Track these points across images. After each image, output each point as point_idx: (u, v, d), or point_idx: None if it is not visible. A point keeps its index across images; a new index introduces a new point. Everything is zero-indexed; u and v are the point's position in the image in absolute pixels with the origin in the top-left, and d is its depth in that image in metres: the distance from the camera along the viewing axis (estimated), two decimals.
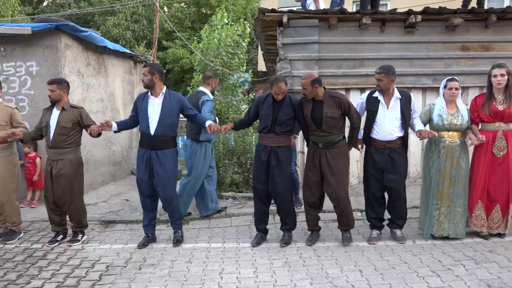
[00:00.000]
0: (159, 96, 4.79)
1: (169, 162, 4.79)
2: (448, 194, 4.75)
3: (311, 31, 6.96)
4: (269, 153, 4.76)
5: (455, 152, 4.70)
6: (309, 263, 4.29)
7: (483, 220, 4.80)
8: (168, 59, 22.55)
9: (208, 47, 11.78)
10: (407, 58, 7.05)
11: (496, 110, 4.67)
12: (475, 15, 6.91)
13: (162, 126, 4.72)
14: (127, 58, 9.82)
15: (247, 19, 21.50)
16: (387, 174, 4.76)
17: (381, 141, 4.73)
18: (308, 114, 4.61)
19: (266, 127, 4.76)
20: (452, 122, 4.68)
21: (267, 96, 4.85)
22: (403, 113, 4.68)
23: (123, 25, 21.85)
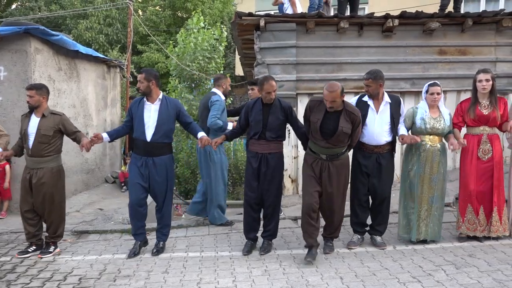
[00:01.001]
0: (155, 102, 4.74)
1: (165, 169, 4.77)
2: (427, 198, 4.81)
3: (289, 35, 7.00)
4: (260, 160, 4.74)
5: (435, 156, 4.77)
6: (289, 271, 4.28)
7: (475, 224, 4.88)
8: (143, 64, 22.35)
9: (184, 52, 11.73)
10: (385, 62, 7.14)
11: (481, 114, 4.78)
12: (452, 19, 7.05)
13: (159, 133, 4.68)
14: (100, 62, 9.71)
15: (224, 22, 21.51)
16: (372, 179, 4.79)
17: (369, 146, 4.76)
18: (318, 123, 4.31)
19: (256, 133, 4.73)
20: (435, 126, 4.74)
21: (256, 101, 4.82)
22: (392, 117, 4.74)
23: (96, 28, 21.59)
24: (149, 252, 5.01)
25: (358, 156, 4.85)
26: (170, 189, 4.91)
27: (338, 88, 4.15)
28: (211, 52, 11.82)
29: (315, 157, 4.49)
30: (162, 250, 4.98)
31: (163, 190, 4.81)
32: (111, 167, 10.19)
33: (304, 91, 7.08)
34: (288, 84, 6.96)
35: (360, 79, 6.96)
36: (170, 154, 4.87)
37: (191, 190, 10.04)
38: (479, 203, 4.84)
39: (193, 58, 11.50)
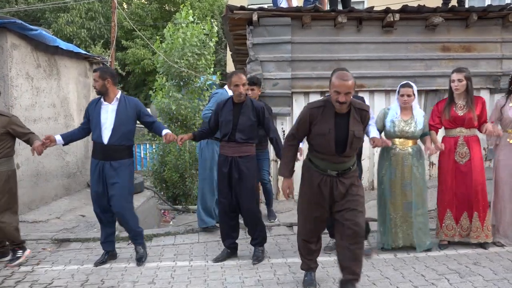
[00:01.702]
0: (113, 102, 4.72)
1: (124, 174, 4.70)
2: (401, 204, 4.83)
3: (283, 30, 7.01)
4: (230, 164, 4.69)
5: (406, 160, 4.79)
6: (283, 280, 4.30)
7: (454, 230, 4.93)
8: (128, 60, 22.36)
9: (172, 47, 11.73)
10: (386, 59, 7.19)
11: (456, 115, 4.82)
12: (456, 14, 7.11)
13: (117, 135, 4.63)
14: (82, 59, 9.68)
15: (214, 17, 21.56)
16: None
17: None
18: (331, 134, 3.62)
19: (226, 135, 4.69)
20: (404, 129, 4.78)
21: (227, 101, 4.80)
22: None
23: (78, 22, 21.55)
24: (135, 260, 5.00)
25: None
26: (129, 195, 4.84)
27: (352, 77, 3.58)
28: (200, 48, 11.83)
29: (321, 175, 3.80)
30: (145, 255, 4.98)
31: (121, 196, 4.69)
32: None
33: (299, 89, 7.10)
34: (283, 82, 6.98)
35: (359, 77, 7.04)
36: (129, 158, 4.81)
37: (179, 195, 10.04)
38: (461, 209, 4.87)
39: (182, 55, 11.51)
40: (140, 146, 14.73)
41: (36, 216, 6.91)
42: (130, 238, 5.09)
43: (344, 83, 3.51)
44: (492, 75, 7.26)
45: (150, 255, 5.21)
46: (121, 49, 22.74)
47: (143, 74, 22.84)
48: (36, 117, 7.54)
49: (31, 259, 5.13)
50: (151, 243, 5.72)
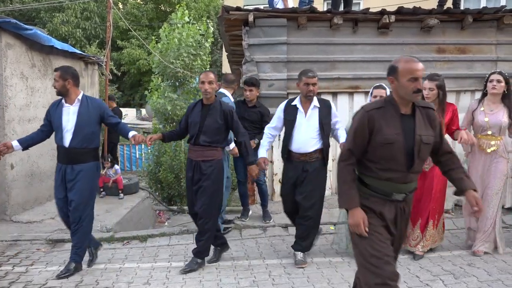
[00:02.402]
0: (74, 103, 4.57)
1: (86, 178, 4.54)
2: None
3: (279, 31, 7.03)
4: (193, 168, 4.62)
5: None
6: (278, 281, 4.31)
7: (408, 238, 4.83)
8: (123, 60, 22.34)
9: (167, 48, 11.71)
10: (381, 60, 7.19)
11: None
12: (451, 15, 7.14)
13: (79, 137, 4.50)
14: (77, 59, 9.65)
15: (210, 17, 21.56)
16: (298, 188, 4.69)
17: (296, 154, 4.67)
18: (399, 139, 2.82)
19: (192, 137, 4.62)
20: None
21: (197, 103, 4.74)
22: (321, 123, 4.65)
23: (73, 22, 21.51)
24: (130, 261, 5.01)
25: (288, 166, 4.78)
26: (90, 202, 4.68)
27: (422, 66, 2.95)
28: (196, 48, 11.81)
29: (385, 199, 2.93)
30: (73, 272, 4.63)
31: (82, 202, 4.53)
32: None
33: (295, 90, 7.09)
34: (278, 83, 7.00)
35: (355, 78, 7.07)
36: (94, 162, 4.66)
37: (174, 196, 10.01)
38: (417, 216, 4.78)
39: (177, 55, 11.48)
40: (135, 147, 14.70)
41: (31, 217, 6.88)
42: (72, 248, 4.71)
43: (419, 65, 2.93)
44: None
45: (145, 256, 5.21)
46: (116, 49, 22.72)
47: (139, 74, 22.83)
48: (31, 117, 7.51)
49: (25, 260, 5.12)
50: (146, 243, 5.72)
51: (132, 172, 13.88)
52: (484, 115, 4.82)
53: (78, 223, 4.58)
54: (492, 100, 4.86)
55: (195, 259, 4.72)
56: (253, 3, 12.52)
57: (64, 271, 4.60)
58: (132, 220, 7.66)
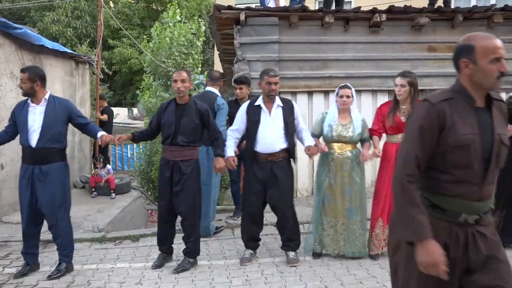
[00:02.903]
0: (41, 103, 4.49)
1: (55, 179, 4.48)
2: (342, 211, 4.70)
3: (271, 30, 7.03)
4: (172, 169, 4.57)
5: (345, 165, 4.67)
6: (271, 280, 4.31)
7: (381, 241, 4.75)
8: (114, 60, 22.24)
9: (159, 47, 11.68)
10: (372, 59, 7.23)
11: (399, 121, 4.62)
12: (441, 14, 7.18)
13: (46, 137, 4.42)
14: (68, 58, 9.61)
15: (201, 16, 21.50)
16: (269, 190, 4.66)
17: (263, 154, 4.63)
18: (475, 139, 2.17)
19: (168, 137, 4.57)
20: (342, 133, 4.68)
21: (170, 102, 4.71)
22: (286, 122, 4.64)
23: (63, 21, 21.36)
24: (122, 261, 4.99)
25: (254, 167, 4.70)
26: (64, 203, 4.60)
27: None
28: (188, 47, 11.79)
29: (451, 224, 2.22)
30: (65, 273, 4.64)
31: (54, 204, 4.47)
32: (80, 171, 10.09)
33: (287, 89, 7.11)
34: None
35: (346, 76, 7.08)
36: (62, 162, 4.59)
37: None
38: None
39: (169, 54, 11.46)
40: (127, 146, 14.66)
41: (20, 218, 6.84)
42: (58, 251, 4.69)
43: (499, 42, 2.23)
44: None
45: (137, 255, 5.20)
46: (107, 48, 22.61)
47: (130, 73, 22.74)
48: None
49: (16, 261, 5.10)
50: (138, 243, 5.70)
51: (124, 172, 13.84)
52: None
53: (57, 224, 4.54)
54: None
55: (187, 259, 4.71)
56: (244, 2, 12.50)
57: (55, 272, 4.58)
58: (124, 220, 7.65)
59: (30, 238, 4.65)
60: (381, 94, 7.27)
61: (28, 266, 4.69)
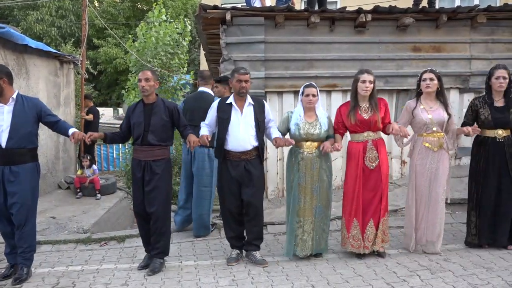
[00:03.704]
0: (9, 102, 4.42)
1: (26, 179, 4.43)
2: (311, 210, 4.74)
3: (257, 29, 7.03)
4: (143, 169, 4.56)
5: (314, 163, 4.71)
6: (258, 280, 4.31)
7: (360, 241, 4.74)
8: (99, 59, 22.10)
9: (144, 46, 11.63)
10: (358, 59, 7.26)
11: (361, 119, 4.68)
12: (426, 14, 7.23)
13: (15, 137, 4.36)
14: (52, 58, 9.53)
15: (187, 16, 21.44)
16: (244, 188, 4.68)
17: (236, 153, 4.66)
18: None
19: (138, 137, 4.56)
20: (309, 131, 4.71)
21: (138, 103, 4.70)
22: (257, 120, 4.68)
23: (48, 21, 21.17)
24: (108, 262, 4.96)
25: (227, 166, 4.71)
26: (33, 204, 4.55)
27: None
28: (174, 47, 11.75)
29: None
30: (26, 278, 4.51)
31: (24, 204, 4.41)
32: (65, 171, 10.00)
33: (273, 89, 7.12)
34: (256, 81, 6.98)
35: (332, 76, 7.11)
36: (33, 162, 4.55)
37: None
38: (369, 217, 4.73)
39: (155, 54, 11.41)
40: (113, 147, 14.56)
41: None
42: (18, 255, 4.53)
43: None
44: (462, 75, 7.41)
45: (123, 256, 5.17)
46: (92, 48, 22.45)
47: (116, 73, 22.60)
48: None
49: None
50: (124, 244, 5.68)
51: (109, 172, 13.75)
52: (426, 112, 4.81)
53: (24, 226, 4.46)
54: (428, 98, 4.87)
55: (157, 260, 4.68)
56: (230, 1, 12.49)
57: (17, 277, 4.46)
58: (110, 221, 7.60)
59: (10, 237, 4.59)
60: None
61: (12, 268, 4.62)
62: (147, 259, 4.78)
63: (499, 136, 4.90)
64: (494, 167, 4.91)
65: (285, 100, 7.14)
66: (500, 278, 4.13)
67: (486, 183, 4.94)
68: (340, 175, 7.32)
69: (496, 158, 4.90)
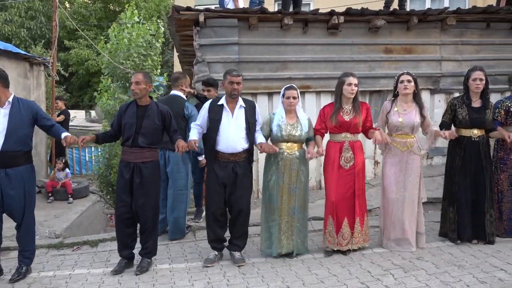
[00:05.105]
0: (5, 106, 4.41)
1: (22, 182, 4.47)
2: (288, 209, 4.79)
3: (230, 31, 7.02)
4: (132, 170, 4.55)
5: (293, 164, 4.77)
6: (233, 282, 4.30)
7: (334, 238, 4.85)
8: (71, 61, 21.78)
9: (117, 48, 11.49)
10: (331, 60, 7.32)
11: (342, 120, 4.77)
12: (397, 16, 7.34)
13: (12, 140, 4.37)
14: (21, 59, 9.33)
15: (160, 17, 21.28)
16: (230, 190, 4.71)
17: (225, 154, 4.67)
18: None
19: (129, 138, 4.55)
20: (291, 133, 4.76)
21: (130, 104, 4.69)
22: (248, 123, 4.71)
23: (17, 22, 20.77)
24: (80, 267, 4.88)
25: (214, 166, 4.72)
26: (29, 205, 4.57)
27: None
28: (147, 48, 11.65)
29: None
30: (25, 274, 4.60)
31: (20, 206, 4.47)
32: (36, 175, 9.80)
33: (247, 90, 7.10)
34: None
35: (306, 78, 7.16)
36: (28, 165, 4.59)
37: None
38: (343, 215, 4.82)
39: (127, 55, 11.29)
40: (85, 149, 14.36)
41: None
42: (19, 254, 4.67)
43: None
44: (432, 76, 7.55)
45: (96, 261, 5.09)
46: (63, 50, 22.14)
47: (87, 75, 22.32)
48: None
49: None
50: (97, 248, 5.59)
51: (81, 176, 13.55)
52: (398, 115, 4.91)
53: (22, 225, 4.53)
54: (404, 100, 4.96)
55: (145, 260, 4.70)
56: (204, 3, 12.45)
57: (15, 275, 4.53)
58: (83, 225, 7.48)
59: None
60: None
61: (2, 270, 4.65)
62: (122, 265, 4.71)
63: (474, 135, 5.06)
64: (469, 165, 5.07)
65: (259, 102, 7.14)
66: (472, 275, 4.21)
67: (461, 180, 5.10)
68: (314, 176, 7.38)
69: (472, 157, 5.06)
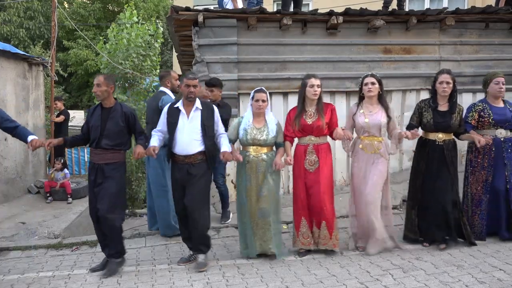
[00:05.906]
0: None
1: None
2: (256, 211, 4.78)
3: (229, 31, 7.02)
4: (96, 172, 4.56)
5: (259, 167, 4.75)
6: (232, 282, 4.30)
7: (310, 238, 4.87)
8: (70, 61, 21.74)
9: (116, 48, 11.51)
10: (330, 60, 7.33)
11: (305, 123, 4.77)
12: (396, 17, 7.34)
13: None
14: (20, 60, 9.32)
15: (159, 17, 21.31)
16: (187, 190, 4.69)
17: (180, 156, 4.68)
18: None
19: (94, 140, 4.57)
20: (256, 137, 4.74)
21: (97, 106, 4.69)
22: (204, 125, 4.69)
23: (15, 22, 20.72)
24: (79, 268, 4.88)
25: (173, 168, 4.77)
26: None
27: None
28: (145, 49, 11.68)
29: None
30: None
31: None
32: (34, 176, 9.79)
33: (246, 90, 7.11)
34: (229, 83, 6.98)
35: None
36: None
37: None
38: (311, 216, 4.85)
39: (126, 56, 11.31)
40: (84, 150, 14.34)
41: None
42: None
43: None
44: (431, 77, 7.52)
45: (95, 261, 5.09)
46: (62, 50, 22.10)
47: (86, 75, 22.27)
48: None
49: None
50: (96, 249, 5.58)
51: (80, 176, 13.52)
52: (364, 116, 4.91)
53: None
54: (369, 102, 4.97)
55: (113, 260, 4.67)
56: (203, 3, 12.46)
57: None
58: (82, 225, 7.47)
59: None
60: (339, 95, 7.37)
61: None
62: (104, 263, 4.73)
63: (439, 139, 5.03)
64: (433, 169, 5.04)
65: None
66: (471, 276, 4.22)
67: (425, 183, 5.09)
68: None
69: (434, 161, 5.03)
